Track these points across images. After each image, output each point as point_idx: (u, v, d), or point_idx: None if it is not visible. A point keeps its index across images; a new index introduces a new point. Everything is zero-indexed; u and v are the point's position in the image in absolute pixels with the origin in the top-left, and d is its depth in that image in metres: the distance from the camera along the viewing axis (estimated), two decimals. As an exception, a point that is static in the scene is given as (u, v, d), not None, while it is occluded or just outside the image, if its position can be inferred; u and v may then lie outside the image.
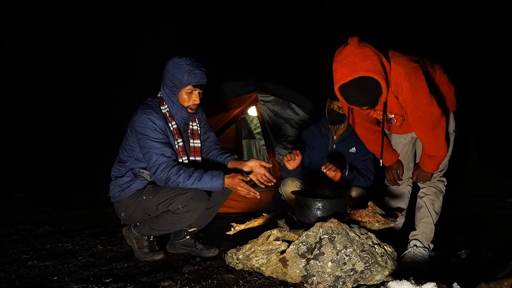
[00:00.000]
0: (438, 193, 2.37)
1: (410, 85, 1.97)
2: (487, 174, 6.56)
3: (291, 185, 2.74)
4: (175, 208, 2.21)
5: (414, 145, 2.55)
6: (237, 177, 2.24)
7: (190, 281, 1.96)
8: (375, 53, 1.87)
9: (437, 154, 2.20)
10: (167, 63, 2.30)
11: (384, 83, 1.88)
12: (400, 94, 2.05)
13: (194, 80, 2.26)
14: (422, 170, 2.31)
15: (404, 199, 2.60)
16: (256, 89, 4.12)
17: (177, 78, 2.25)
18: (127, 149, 2.39)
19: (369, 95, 1.91)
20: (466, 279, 1.74)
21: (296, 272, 1.92)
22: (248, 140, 5.50)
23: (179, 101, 2.33)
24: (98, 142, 6.53)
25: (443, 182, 2.41)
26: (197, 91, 2.32)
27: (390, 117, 2.31)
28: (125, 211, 2.40)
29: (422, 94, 2.00)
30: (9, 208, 4.10)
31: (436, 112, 2.04)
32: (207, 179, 2.21)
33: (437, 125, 2.08)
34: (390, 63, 1.98)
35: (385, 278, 1.88)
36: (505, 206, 4.04)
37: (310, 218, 2.10)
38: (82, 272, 2.11)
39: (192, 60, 2.26)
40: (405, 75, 1.96)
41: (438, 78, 2.23)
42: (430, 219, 2.32)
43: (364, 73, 1.83)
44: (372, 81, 1.86)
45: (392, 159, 2.50)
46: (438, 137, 2.12)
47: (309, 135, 3.00)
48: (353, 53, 1.86)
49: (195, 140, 2.50)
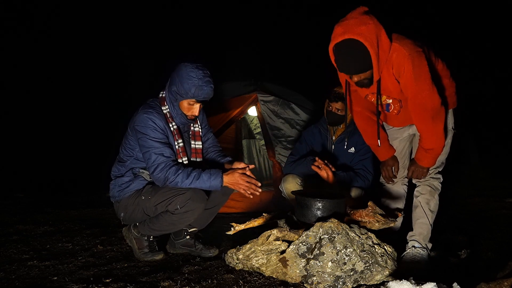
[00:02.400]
0: (433, 191, 2.34)
1: (413, 68, 1.97)
2: (487, 174, 6.56)
3: (292, 182, 2.75)
4: (174, 208, 2.21)
5: (410, 143, 2.52)
6: (237, 172, 2.22)
7: (190, 281, 1.96)
8: (373, 24, 1.89)
9: (434, 147, 2.17)
10: (179, 67, 2.27)
11: (373, 53, 1.89)
12: (401, 77, 2.03)
13: (200, 96, 2.26)
14: (417, 165, 2.27)
15: (401, 198, 2.58)
16: (256, 89, 4.12)
17: (184, 88, 2.24)
18: (127, 148, 2.39)
19: (356, 61, 1.94)
20: (466, 279, 1.74)
21: (296, 272, 1.92)
22: (248, 140, 5.50)
23: (179, 107, 2.34)
24: (98, 142, 6.53)
25: (438, 180, 2.37)
26: (198, 105, 2.33)
27: (388, 102, 2.27)
28: (125, 211, 2.40)
29: (424, 80, 1.99)
30: (9, 208, 4.10)
31: (436, 100, 2.03)
32: (205, 178, 2.21)
33: (437, 114, 2.06)
34: (392, 43, 1.98)
35: (385, 278, 1.89)
36: (505, 206, 4.04)
37: (310, 218, 2.10)
38: (82, 272, 2.11)
39: (203, 75, 2.23)
40: (409, 57, 1.96)
41: (441, 71, 2.22)
42: (425, 220, 2.30)
43: (354, 36, 1.86)
44: (360, 45, 1.88)
45: (388, 154, 2.49)
46: (437, 127, 2.10)
47: (309, 135, 3.03)
48: (352, 17, 1.92)
49: (196, 141, 2.50)
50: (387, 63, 2.03)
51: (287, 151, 4.11)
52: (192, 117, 2.38)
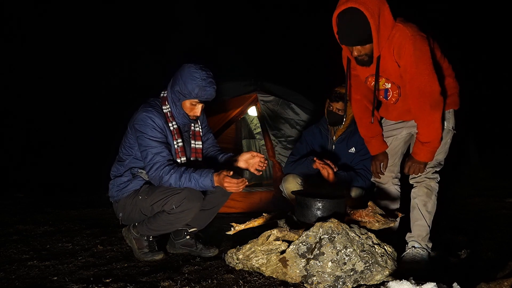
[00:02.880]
0: (430, 192, 2.30)
1: (414, 50, 1.96)
2: (487, 174, 6.56)
3: (293, 182, 2.75)
4: (170, 208, 2.22)
5: (406, 143, 2.50)
6: (222, 173, 2.19)
7: (190, 281, 1.96)
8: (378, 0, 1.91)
9: (430, 140, 2.13)
10: (182, 68, 2.30)
11: (373, 24, 1.91)
12: (402, 58, 2.02)
13: (203, 97, 2.27)
14: (414, 160, 2.23)
15: (395, 199, 2.57)
16: (256, 89, 4.13)
17: (187, 88, 2.25)
18: (126, 147, 2.40)
19: (356, 31, 1.95)
20: (466, 279, 1.74)
21: (296, 272, 1.92)
22: (248, 140, 5.50)
23: (182, 107, 2.34)
24: (99, 142, 6.53)
25: (435, 180, 2.33)
26: (201, 105, 2.34)
27: (386, 86, 2.25)
28: (123, 211, 2.41)
29: (424, 64, 1.98)
30: (9, 208, 4.10)
31: (435, 86, 2.01)
32: (197, 177, 2.20)
33: (435, 103, 2.04)
34: (396, 23, 1.99)
35: (385, 278, 1.89)
36: (505, 206, 4.04)
37: (310, 218, 2.10)
38: (82, 272, 2.11)
39: (207, 75, 2.26)
40: (411, 37, 1.96)
41: (446, 70, 2.22)
42: (423, 221, 2.29)
43: (355, 4, 1.88)
44: (361, 14, 1.90)
45: (380, 149, 2.48)
46: (433, 116, 2.06)
47: (310, 134, 3.03)
48: None
49: (196, 141, 2.50)
50: (389, 42, 2.02)
51: (287, 151, 4.11)
52: (194, 117, 2.39)
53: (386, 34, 1.99)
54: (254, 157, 2.43)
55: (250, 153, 2.46)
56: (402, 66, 2.05)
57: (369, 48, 2.02)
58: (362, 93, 2.41)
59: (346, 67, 2.32)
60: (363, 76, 2.29)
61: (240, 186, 2.18)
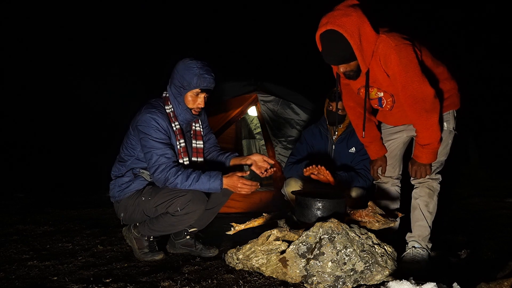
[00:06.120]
0: (431, 193, 2.31)
1: (399, 59, 1.96)
2: (487, 174, 6.55)
3: (295, 186, 2.75)
4: (174, 210, 2.21)
5: (405, 144, 2.51)
6: (235, 175, 2.22)
7: (190, 281, 1.96)
8: (356, 15, 1.91)
9: (430, 142, 2.14)
10: (177, 64, 2.31)
11: (354, 44, 1.91)
12: (389, 68, 2.03)
13: (203, 84, 2.26)
14: (417, 163, 2.24)
15: (396, 198, 2.57)
16: (256, 89, 4.13)
17: (186, 80, 2.25)
18: (128, 148, 2.39)
19: (337, 52, 1.97)
20: (466, 279, 1.74)
21: (296, 272, 1.92)
22: (248, 140, 5.51)
23: (184, 102, 2.34)
24: (99, 142, 6.53)
25: (437, 180, 2.34)
26: (203, 95, 2.33)
27: (379, 95, 2.26)
28: (125, 212, 2.40)
29: (413, 71, 1.98)
30: (9, 208, 4.10)
31: (428, 91, 2.01)
32: (205, 180, 2.21)
33: (431, 107, 2.04)
34: (380, 34, 1.99)
35: (385, 278, 1.88)
36: (505, 206, 4.04)
37: (310, 218, 2.10)
38: (82, 272, 2.11)
39: (202, 64, 2.27)
40: (395, 47, 1.96)
41: (441, 74, 2.22)
42: (424, 222, 2.29)
43: (334, 27, 1.89)
44: (340, 36, 1.91)
45: (379, 154, 2.49)
46: (431, 120, 2.07)
47: (309, 134, 3.03)
48: (338, 9, 1.95)
49: (197, 141, 2.50)
50: (375, 54, 2.03)
51: (287, 151, 4.11)
52: (197, 111, 2.37)
53: (370, 50, 2.00)
54: (264, 161, 2.47)
55: (263, 157, 2.48)
56: (391, 76, 2.06)
57: (354, 65, 2.04)
58: (355, 100, 2.42)
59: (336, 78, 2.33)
60: (355, 87, 2.30)
61: (253, 188, 2.24)
